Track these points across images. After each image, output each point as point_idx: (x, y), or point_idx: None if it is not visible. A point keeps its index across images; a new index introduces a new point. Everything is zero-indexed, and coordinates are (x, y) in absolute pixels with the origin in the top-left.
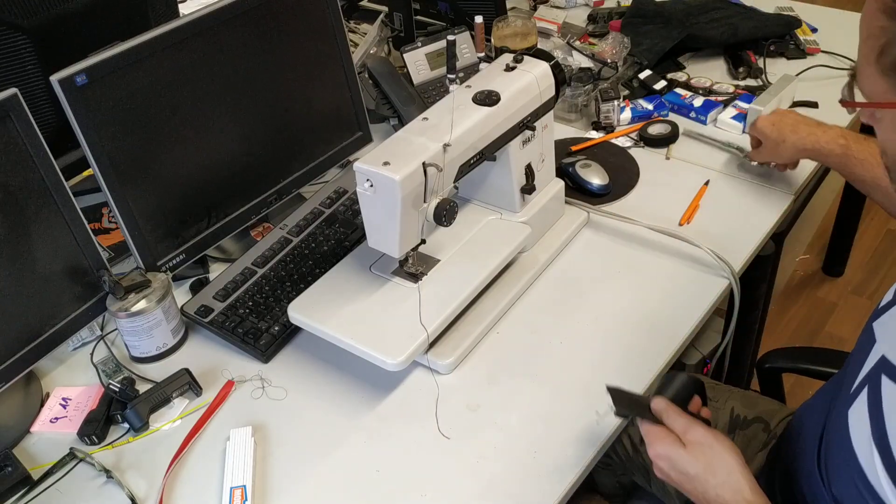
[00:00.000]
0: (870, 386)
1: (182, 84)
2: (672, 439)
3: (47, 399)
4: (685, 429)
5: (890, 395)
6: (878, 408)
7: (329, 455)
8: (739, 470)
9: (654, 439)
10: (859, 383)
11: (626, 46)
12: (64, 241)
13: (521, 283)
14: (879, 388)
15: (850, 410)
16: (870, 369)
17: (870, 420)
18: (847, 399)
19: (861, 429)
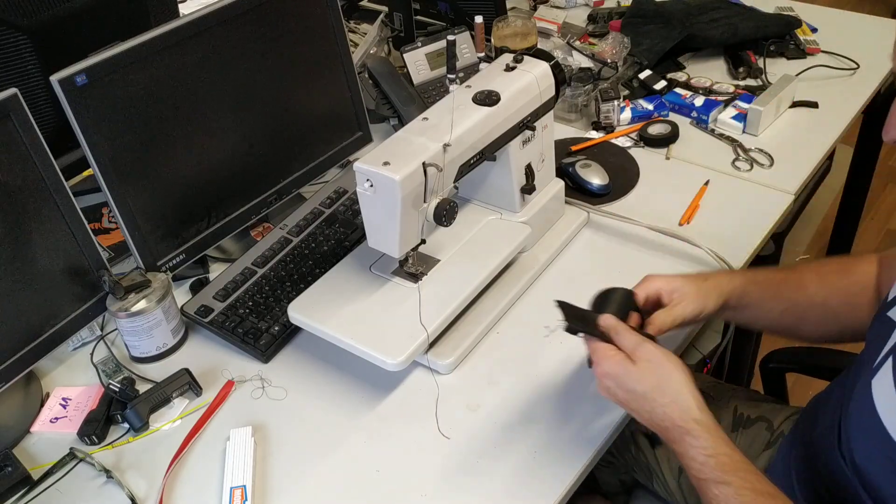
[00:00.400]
0: (894, 356)
1: (182, 84)
2: (621, 357)
3: (47, 399)
4: (635, 346)
5: None
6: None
7: (329, 455)
8: (689, 389)
9: (602, 357)
10: (883, 356)
11: (626, 46)
12: (64, 241)
13: (521, 283)
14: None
15: (873, 380)
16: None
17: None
18: (871, 372)
19: (885, 395)
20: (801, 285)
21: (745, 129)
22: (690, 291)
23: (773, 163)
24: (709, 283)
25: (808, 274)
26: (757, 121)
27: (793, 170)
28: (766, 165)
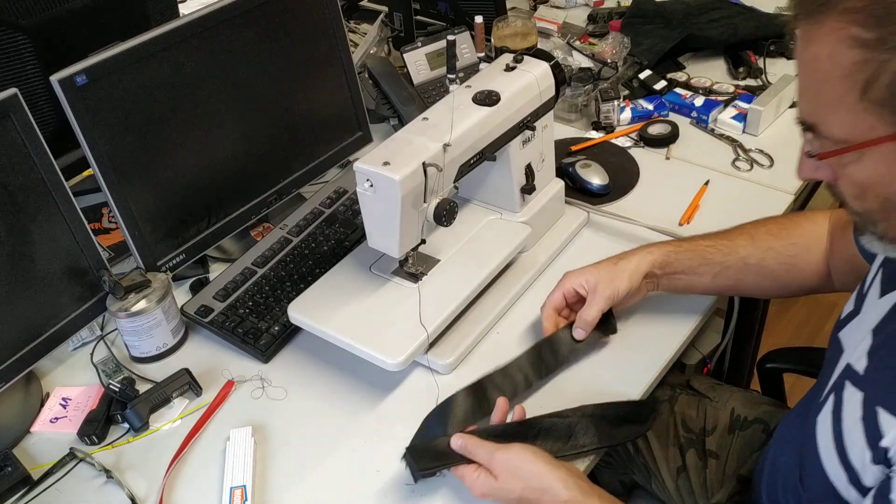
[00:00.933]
0: (835, 393)
1: (182, 84)
2: (485, 475)
3: (47, 399)
4: (489, 461)
5: (850, 397)
6: (839, 412)
7: (329, 455)
8: (549, 472)
9: (470, 482)
10: (827, 392)
11: (626, 46)
12: (64, 241)
13: (521, 283)
14: (842, 393)
15: (818, 418)
16: (836, 378)
17: (832, 426)
18: (816, 408)
19: (825, 436)
20: (732, 248)
21: (745, 129)
22: (602, 278)
23: (773, 163)
24: (621, 263)
25: (740, 237)
26: (757, 121)
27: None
28: (766, 165)
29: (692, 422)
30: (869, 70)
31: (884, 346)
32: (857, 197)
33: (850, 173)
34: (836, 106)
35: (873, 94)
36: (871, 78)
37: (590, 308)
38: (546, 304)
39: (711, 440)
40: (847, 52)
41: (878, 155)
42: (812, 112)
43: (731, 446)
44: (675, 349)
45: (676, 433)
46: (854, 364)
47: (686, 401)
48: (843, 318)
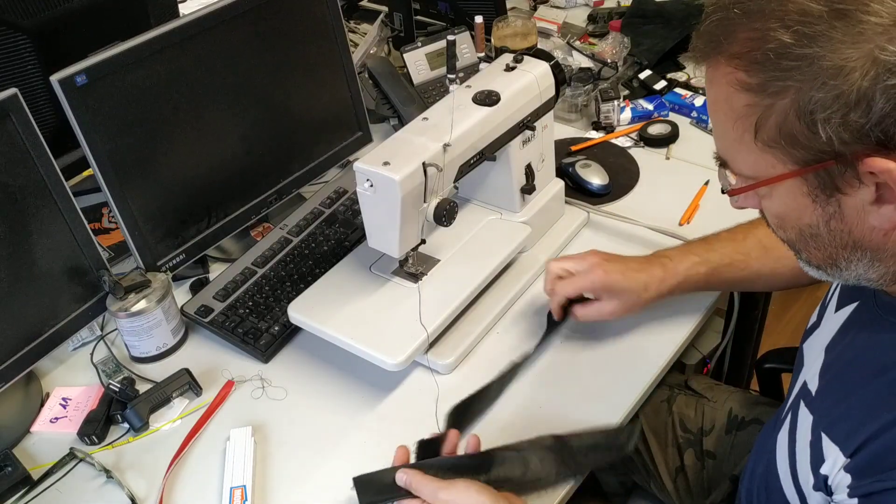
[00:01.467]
0: (791, 413)
1: (182, 84)
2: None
3: (47, 399)
4: (432, 498)
5: (803, 419)
6: (794, 433)
7: (329, 455)
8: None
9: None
10: (787, 409)
11: (626, 46)
12: (64, 241)
13: (521, 283)
14: (798, 413)
15: (778, 436)
16: (794, 396)
17: (788, 445)
18: (778, 425)
19: (782, 453)
20: (746, 264)
21: None
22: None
23: None
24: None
25: (753, 249)
26: None
27: None
28: None
29: (690, 422)
30: (757, 113)
31: (832, 368)
32: (778, 227)
33: (767, 206)
34: (738, 145)
35: (764, 136)
36: (761, 121)
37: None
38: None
39: (709, 440)
40: (738, 96)
41: (784, 190)
42: (723, 149)
43: (729, 447)
44: (675, 349)
45: (675, 433)
46: (809, 382)
47: (684, 401)
48: (808, 329)
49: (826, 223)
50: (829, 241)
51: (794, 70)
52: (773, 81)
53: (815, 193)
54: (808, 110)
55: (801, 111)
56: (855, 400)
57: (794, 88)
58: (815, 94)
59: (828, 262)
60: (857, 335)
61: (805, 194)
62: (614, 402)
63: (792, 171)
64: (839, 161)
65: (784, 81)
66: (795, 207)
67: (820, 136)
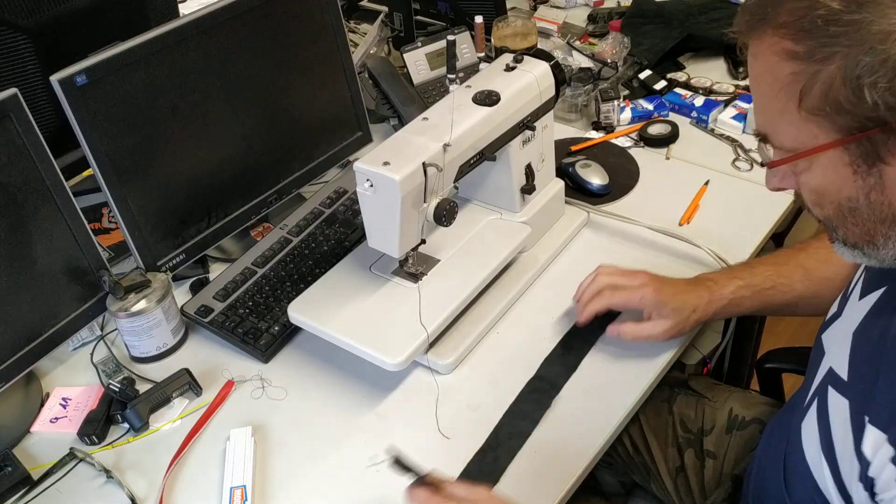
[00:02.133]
0: (819, 398)
1: (182, 84)
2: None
3: (47, 399)
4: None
5: (835, 405)
6: (826, 419)
7: (329, 455)
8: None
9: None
10: (810, 396)
11: (626, 46)
12: (64, 241)
13: (521, 283)
14: (826, 399)
15: (802, 423)
16: (819, 382)
17: (819, 431)
18: (801, 413)
19: (812, 441)
20: (790, 287)
21: (745, 129)
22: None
23: None
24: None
25: (795, 273)
26: None
27: None
28: None
29: (690, 422)
30: (802, 81)
31: (864, 352)
32: (815, 204)
33: (806, 181)
34: (781, 117)
35: (809, 104)
36: (805, 88)
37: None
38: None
39: (709, 440)
40: (783, 65)
41: (826, 161)
42: (764, 123)
43: (729, 446)
44: (675, 349)
45: (675, 433)
46: (836, 368)
47: (684, 401)
48: (828, 320)
49: (866, 196)
50: (868, 215)
51: (841, 36)
52: (820, 48)
53: (856, 164)
54: (855, 75)
55: (848, 76)
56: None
57: (842, 54)
58: (863, 59)
59: (865, 240)
60: (889, 319)
61: (846, 164)
62: (614, 401)
63: (834, 141)
64: (883, 128)
65: (832, 47)
66: (835, 180)
67: (866, 102)
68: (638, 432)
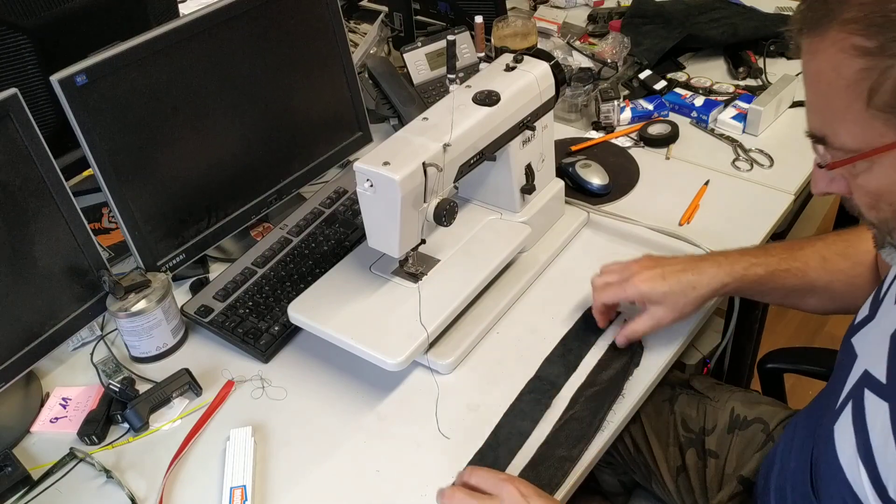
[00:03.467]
0: (854, 401)
1: (182, 84)
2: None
3: (47, 399)
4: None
5: (873, 408)
6: (863, 422)
7: (329, 455)
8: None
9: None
10: (843, 399)
11: (626, 46)
12: (64, 241)
13: (521, 283)
14: (863, 402)
15: (835, 426)
16: (853, 385)
17: (855, 434)
18: (832, 416)
19: (847, 444)
20: (804, 273)
21: (745, 129)
22: (670, 302)
23: (773, 163)
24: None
25: (812, 259)
26: (757, 121)
27: (793, 170)
28: (766, 165)
29: (692, 421)
30: (873, 77)
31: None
32: (871, 207)
33: (863, 183)
34: (843, 116)
35: (879, 101)
36: (876, 85)
37: (644, 324)
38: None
39: (711, 440)
40: (850, 62)
41: (889, 161)
42: (821, 124)
43: (731, 446)
44: (675, 349)
45: (676, 433)
46: (873, 371)
47: (686, 400)
48: (857, 324)
49: None
50: None
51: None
52: (893, 42)
53: None
54: None
55: None
56: None
57: None
58: None
59: None
60: None
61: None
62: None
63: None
64: None
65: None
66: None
67: None
68: (639, 432)
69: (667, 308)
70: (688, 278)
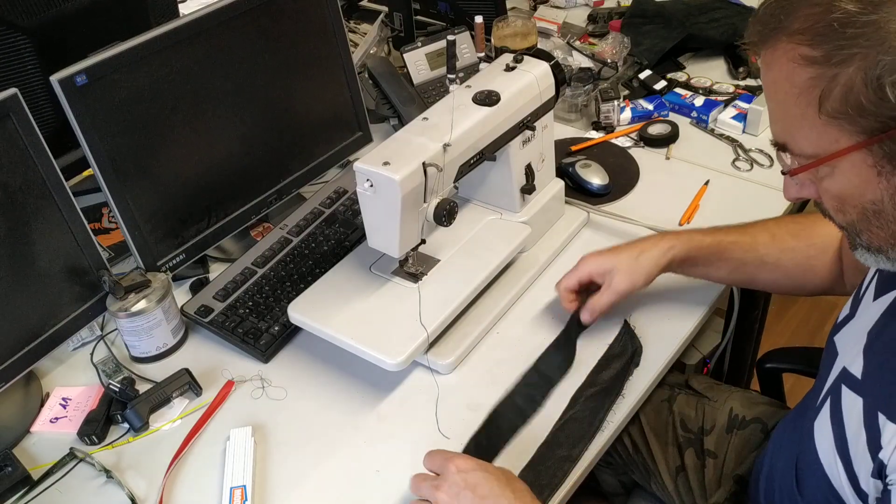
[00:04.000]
0: (832, 397)
1: (182, 84)
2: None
3: (47, 399)
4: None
5: (849, 403)
6: (839, 417)
7: (329, 455)
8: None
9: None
10: (823, 396)
11: (626, 46)
12: (64, 241)
13: (521, 283)
14: (840, 398)
15: (815, 423)
16: (832, 382)
17: (832, 430)
18: (813, 413)
19: (825, 439)
20: (752, 246)
21: (745, 129)
22: (621, 270)
23: (773, 163)
24: (642, 258)
25: (761, 234)
26: (757, 121)
27: None
28: (766, 165)
29: (691, 421)
30: (822, 85)
31: (879, 349)
32: (838, 210)
33: (827, 187)
34: (800, 123)
35: (829, 108)
36: (825, 92)
37: (602, 297)
38: (561, 286)
39: (709, 440)
40: (801, 71)
41: (848, 165)
42: (782, 132)
43: (729, 446)
44: (674, 349)
45: (675, 433)
46: (850, 367)
47: (685, 400)
48: (840, 322)
49: (891, 197)
50: (893, 216)
51: (859, 37)
52: (838, 51)
53: (880, 164)
54: (876, 75)
55: (868, 77)
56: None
57: (861, 55)
58: (883, 59)
59: (890, 243)
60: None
61: (870, 166)
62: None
63: (857, 143)
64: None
65: (850, 49)
66: (859, 183)
67: (888, 101)
68: (638, 432)
69: (620, 275)
70: (635, 245)
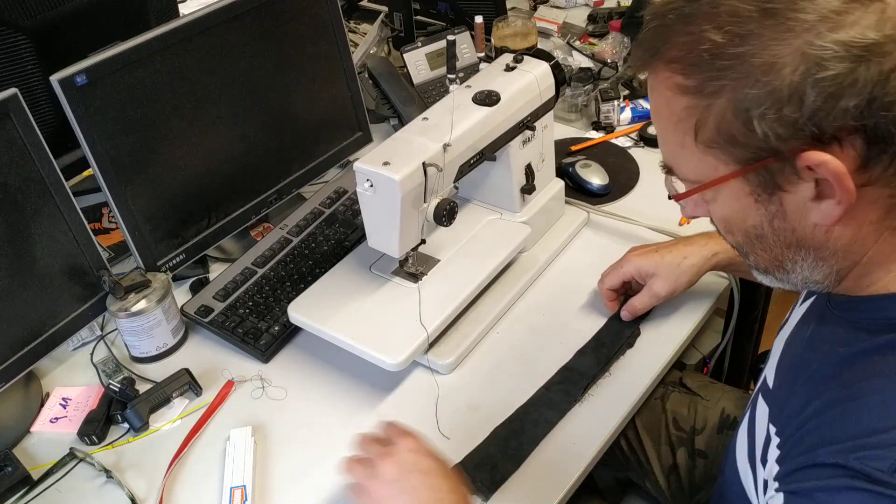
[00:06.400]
0: (752, 407)
1: (182, 84)
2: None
3: (47, 399)
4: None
5: (760, 412)
6: (753, 426)
7: (329, 455)
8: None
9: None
10: (747, 407)
11: (626, 46)
12: (64, 241)
13: (521, 283)
14: (756, 407)
15: (738, 431)
16: (755, 392)
17: (747, 439)
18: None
19: (742, 448)
20: None
21: None
22: (663, 274)
23: None
24: (685, 264)
25: None
26: None
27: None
28: None
29: (683, 420)
30: (696, 115)
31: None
32: (727, 231)
33: (713, 210)
34: (681, 149)
35: (705, 137)
36: (700, 122)
37: (643, 298)
38: (605, 284)
39: (700, 439)
40: (677, 100)
41: (729, 191)
42: (668, 156)
43: (719, 446)
44: (674, 349)
45: (668, 431)
46: (768, 377)
47: (678, 399)
48: (782, 324)
49: (770, 222)
50: (773, 241)
51: (728, 69)
52: (708, 82)
53: (757, 193)
54: (744, 108)
55: (737, 109)
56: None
57: (730, 87)
58: (749, 92)
59: (774, 265)
60: (809, 328)
61: (748, 194)
62: (613, 401)
63: (733, 172)
64: (777, 157)
65: (719, 81)
66: (740, 209)
67: (756, 133)
68: (632, 430)
69: (662, 279)
70: (679, 249)
